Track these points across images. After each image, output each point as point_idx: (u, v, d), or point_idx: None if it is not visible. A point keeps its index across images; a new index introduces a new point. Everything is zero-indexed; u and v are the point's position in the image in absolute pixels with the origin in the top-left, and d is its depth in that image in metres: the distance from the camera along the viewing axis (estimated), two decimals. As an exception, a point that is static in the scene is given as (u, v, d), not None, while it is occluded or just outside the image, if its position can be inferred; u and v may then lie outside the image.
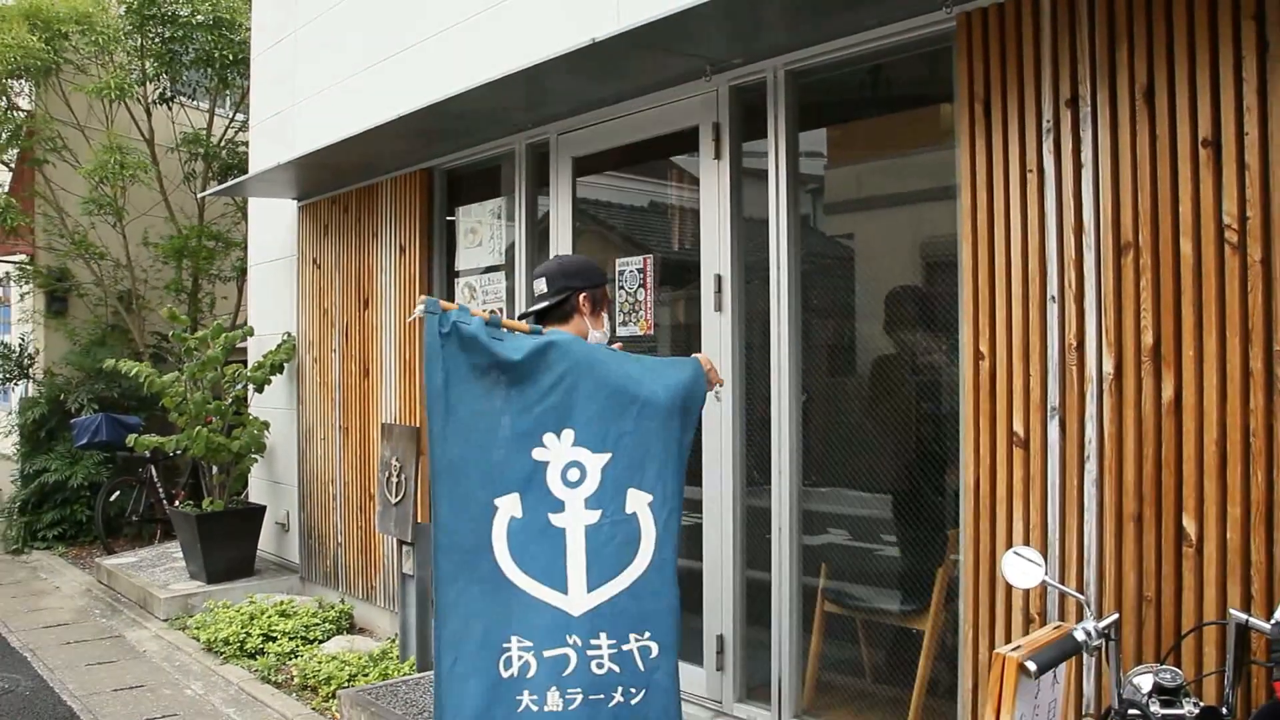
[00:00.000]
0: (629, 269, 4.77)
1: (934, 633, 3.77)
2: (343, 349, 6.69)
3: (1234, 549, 2.70)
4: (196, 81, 10.42)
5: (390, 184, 6.24)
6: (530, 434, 2.96)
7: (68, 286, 10.61)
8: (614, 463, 2.96)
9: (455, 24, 5.58)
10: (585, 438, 2.97)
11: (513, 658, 2.92)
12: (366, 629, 6.38)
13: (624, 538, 2.95)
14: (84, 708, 5.11)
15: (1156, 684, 2.21)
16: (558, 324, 3.20)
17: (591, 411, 2.97)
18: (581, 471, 2.98)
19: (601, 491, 2.95)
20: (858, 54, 3.80)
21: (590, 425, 2.97)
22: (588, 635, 2.91)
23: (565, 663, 2.91)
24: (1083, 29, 3.03)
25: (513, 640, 2.93)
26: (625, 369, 3.01)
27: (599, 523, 2.94)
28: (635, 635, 2.93)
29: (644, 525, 2.96)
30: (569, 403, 2.96)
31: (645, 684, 2.92)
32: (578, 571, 2.94)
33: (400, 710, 4.48)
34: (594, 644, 2.91)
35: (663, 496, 2.97)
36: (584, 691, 2.89)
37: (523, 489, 2.96)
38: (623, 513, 2.96)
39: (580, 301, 3.23)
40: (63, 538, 9.52)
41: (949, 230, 3.50)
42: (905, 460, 4.15)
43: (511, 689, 2.92)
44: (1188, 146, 2.81)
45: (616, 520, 2.95)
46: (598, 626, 2.91)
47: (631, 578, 2.94)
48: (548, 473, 2.96)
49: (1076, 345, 3.03)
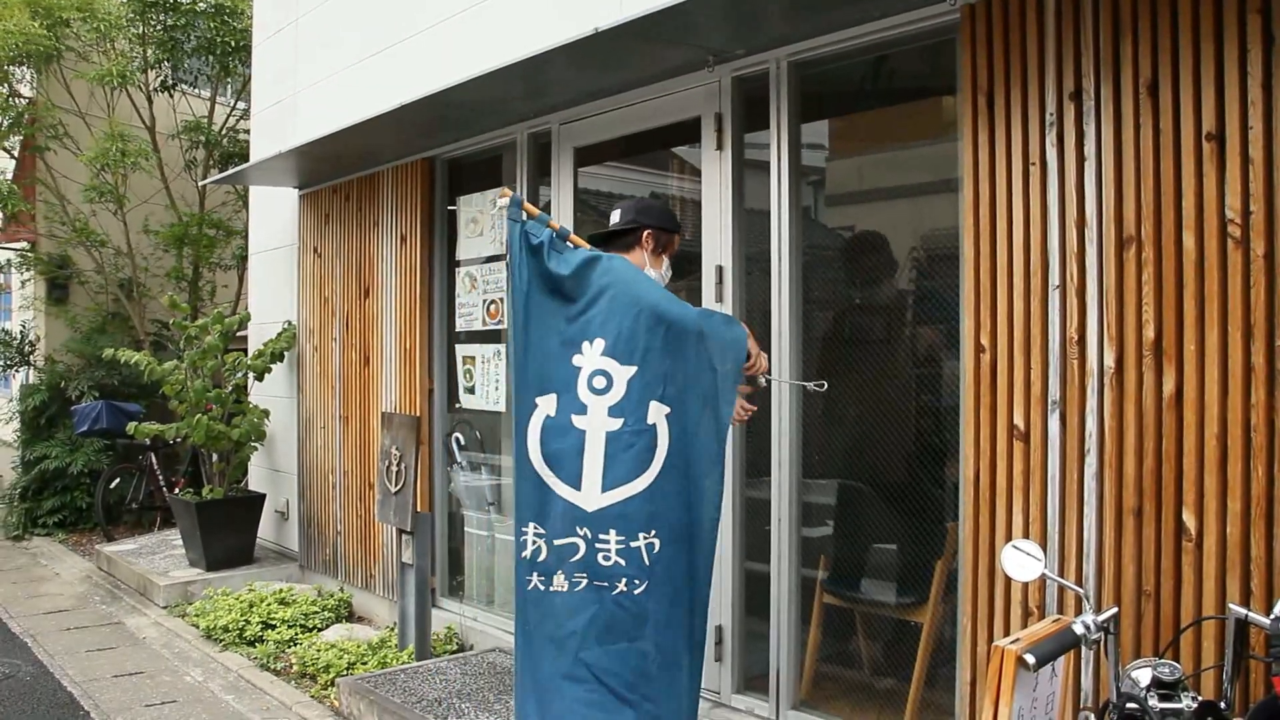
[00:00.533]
0: (630, 260, 4.75)
1: (932, 625, 3.77)
2: (343, 338, 6.69)
3: (1234, 544, 2.70)
4: (198, 69, 10.41)
5: (391, 173, 6.23)
6: (574, 341, 3.22)
7: (69, 274, 10.61)
8: (639, 375, 3.15)
9: (457, 13, 5.57)
10: (615, 349, 3.17)
11: (528, 541, 3.22)
12: (365, 617, 6.39)
13: (642, 446, 3.14)
14: (84, 693, 5.12)
15: (1155, 678, 2.21)
16: (620, 251, 3.44)
17: (624, 325, 3.16)
18: (608, 380, 3.18)
19: (626, 401, 3.15)
20: (861, 45, 3.79)
21: (621, 338, 3.17)
22: (597, 530, 3.15)
23: (574, 550, 3.17)
24: (1086, 21, 3.01)
25: (530, 526, 3.23)
26: (663, 295, 3.21)
27: (620, 430, 3.15)
28: (644, 534, 3.13)
29: (660, 436, 3.15)
30: (604, 315, 3.18)
31: (648, 577, 3.14)
32: (594, 472, 3.16)
33: (399, 699, 4.49)
34: (603, 538, 3.14)
35: (681, 412, 3.15)
36: (589, 577, 3.15)
37: (560, 391, 3.22)
38: (644, 423, 3.15)
39: (645, 237, 3.51)
40: (63, 524, 9.54)
41: (951, 223, 3.49)
42: (905, 452, 4.14)
43: (523, 569, 3.23)
44: (1191, 140, 2.80)
45: (638, 430, 3.15)
46: (607, 524, 3.14)
47: (645, 483, 3.14)
48: (579, 378, 3.20)
49: (1078, 338, 3.02)
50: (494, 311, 5.60)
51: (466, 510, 6.06)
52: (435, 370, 5.99)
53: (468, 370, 5.82)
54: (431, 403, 5.98)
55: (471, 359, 5.78)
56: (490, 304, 5.63)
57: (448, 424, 6.05)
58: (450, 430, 6.05)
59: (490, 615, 5.59)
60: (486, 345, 5.68)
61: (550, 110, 5.10)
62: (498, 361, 5.58)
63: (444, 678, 4.79)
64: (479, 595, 5.82)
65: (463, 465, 6.04)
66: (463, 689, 4.62)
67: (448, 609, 5.88)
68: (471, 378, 5.78)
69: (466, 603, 5.84)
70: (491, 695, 4.54)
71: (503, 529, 5.70)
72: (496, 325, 5.58)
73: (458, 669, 4.92)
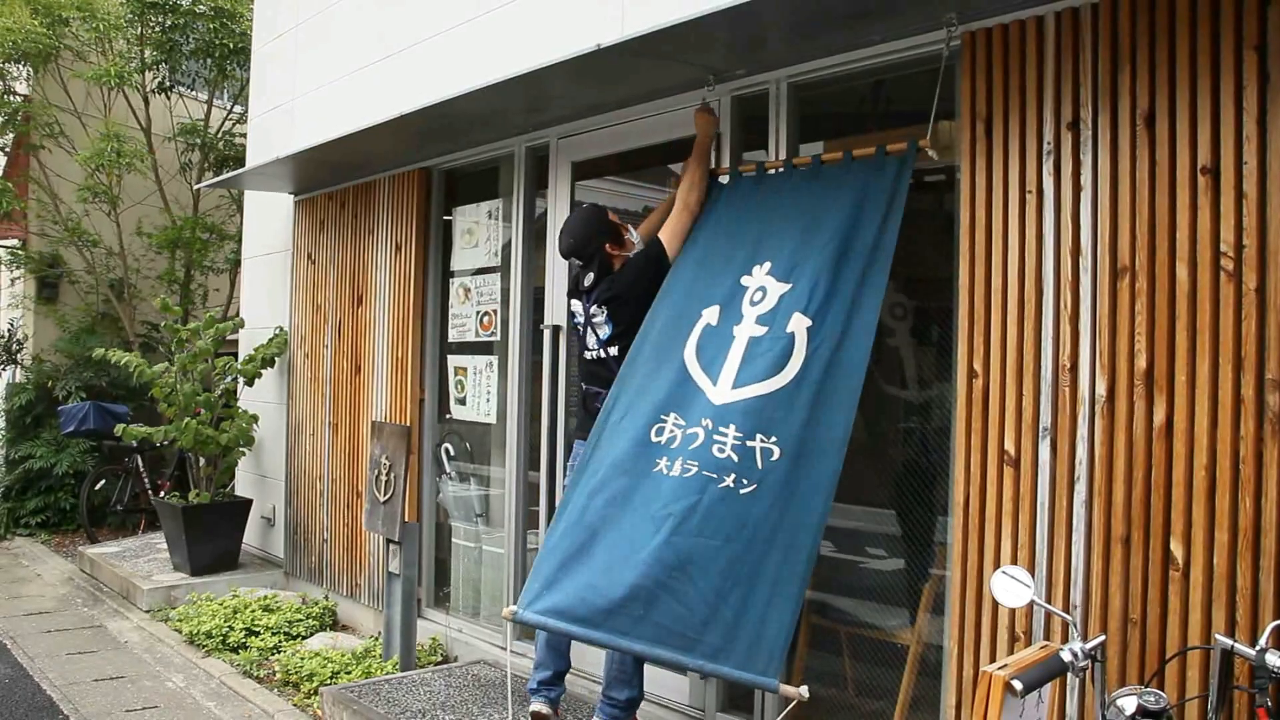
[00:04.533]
0: (625, 275, 4.76)
1: (918, 648, 3.77)
2: (335, 345, 6.68)
3: (1220, 574, 2.72)
4: (195, 71, 10.40)
5: (388, 182, 6.23)
6: (744, 262, 3.63)
7: (59, 273, 10.55)
8: (793, 292, 3.42)
9: (457, 24, 5.58)
10: (777, 269, 3.52)
11: (666, 428, 3.48)
12: (350, 626, 6.37)
13: (778, 351, 3.35)
14: (63, 697, 5.08)
15: (1140, 706, 2.22)
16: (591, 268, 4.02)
17: (791, 250, 3.51)
18: (764, 294, 3.50)
19: (774, 313, 3.43)
20: (861, 69, 3.82)
21: (784, 260, 3.51)
22: (719, 423, 3.34)
23: (695, 439, 3.38)
24: (1085, 52, 3.05)
25: (670, 415, 3.50)
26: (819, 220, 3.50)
27: (761, 336, 3.42)
28: (762, 436, 3.27)
29: (797, 345, 3.33)
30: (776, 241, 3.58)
31: (758, 480, 3.25)
32: (730, 370, 3.42)
33: (382, 709, 4.47)
34: (722, 431, 3.32)
35: (822, 324, 3.32)
36: (700, 466, 3.31)
37: (724, 303, 3.60)
38: (784, 331, 3.37)
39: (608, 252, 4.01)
40: (46, 525, 9.47)
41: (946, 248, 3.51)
42: (894, 475, 4.16)
43: (655, 451, 3.46)
44: (1187, 173, 2.83)
45: (776, 336, 3.38)
46: (730, 418, 3.33)
47: (772, 387, 3.31)
48: (744, 295, 3.55)
49: (1070, 366, 3.04)
50: (487, 323, 5.60)
51: (455, 521, 6.05)
52: (427, 380, 5.99)
53: (459, 381, 5.81)
54: (422, 412, 5.98)
55: (463, 370, 5.78)
56: (484, 315, 5.63)
57: (438, 434, 6.04)
58: (440, 440, 6.04)
59: (475, 627, 5.57)
60: (479, 356, 5.68)
61: (549, 124, 5.11)
62: (489, 373, 5.58)
63: (428, 689, 4.77)
64: (465, 607, 5.81)
65: (452, 476, 6.03)
66: (446, 700, 4.61)
67: (433, 620, 5.86)
68: (463, 388, 5.78)
69: (452, 614, 5.82)
70: (475, 708, 4.53)
71: (490, 541, 5.69)
72: (489, 337, 5.58)
73: (442, 680, 4.91)
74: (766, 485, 3.21)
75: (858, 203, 3.44)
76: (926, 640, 3.78)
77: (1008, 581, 2.48)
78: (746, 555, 3.17)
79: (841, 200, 3.48)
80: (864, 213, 3.42)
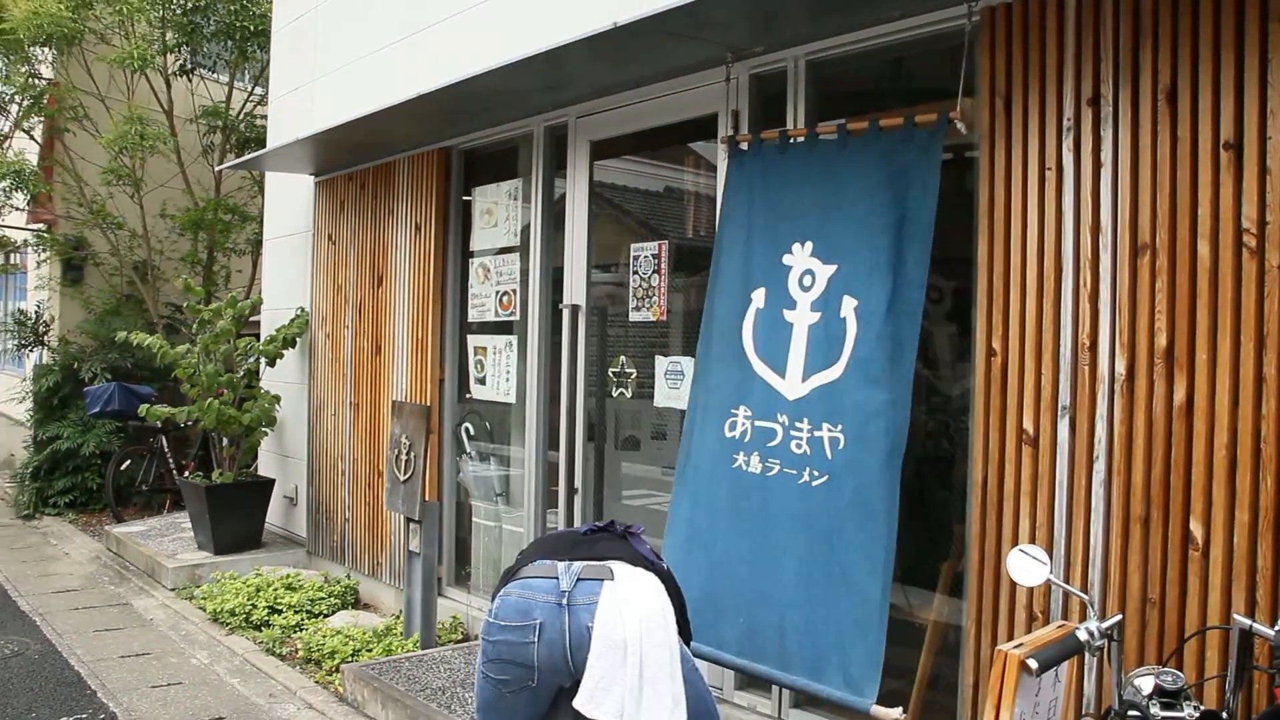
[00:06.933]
0: (643, 254, 4.76)
1: (936, 627, 3.77)
2: (355, 325, 6.71)
3: (1240, 554, 2.70)
4: (216, 54, 10.43)
5: (408, 162, 6.24)
6: (784, 241, 3.61)
7: (84, 255, 10.66)
8: (839, 273, 3.43)
9: (477, 3, 5.57)
10: (820, 249, 3.50)
11: (738, 422, 3.56)
12: (371, 605, 6.42)
13: (834, 336, 3.39)
14: (91, 673, 5.16)
15: (1158, 686, 2.21)
16: None
17: (829, 228, 3.50)
18: (813, 278, 3.50)
19: (826, 296, 3.45)
20: (879, 45, 3.78)
21: (824, 239, 3.50)
22: (794, 418, 3.41)
23: (773, 435, 3.46)
24: (1106, 27, 3.01)
25: (740, 409, 3.56)
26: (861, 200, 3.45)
27: (818, 323, 3.45)
28: (828, 425, 3.34)
29: (849, 328, 3.36)
30: (812, 219, 3.55)
31: (828, 470, 3.31)
32: (797, 362, 3.47)
33: (403, 686, 4.52)
34: (798, 426, 3.40)
35: (868, 302, 3.33)
36: (782, 464, 3.41)
37: (768, 284, 3.61)
38: (837, 316, 3.40)
39: None
40: (73, 505, 9.59)
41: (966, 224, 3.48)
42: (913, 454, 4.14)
43: (731, 447, 3.54)
44: (1209, 149, 2.79)
45: (830, 321, 3.42)
46: (803, 412, 3.40)
47: (834, 375, 3.37)
48: (789, 276, 3.56)
49: (1090, 345, 3.02)
50: (506, 303, 5.61)
51: (475, 500, 6.09)
52: (446, 360, 6.01)
53: (479, 361, 5.83)
54: (442, 392, 6.00)
55: (483, 349, 5.80)
56: (503, 295, 5.64)
57: (458, 414, 6.07)
58: (460, 420, 6.07)
59: (495, 605, 5.59)
60: (499, 336, 5.69)
61: (568, 103, 5.10)
62: (509, 353, 5.60)
63: (448, 667, 4.81)
64: (485, 586, 5.84)
65: (472, 455, 6.06)
66: (466, 678, 4.64)
67: (454, 598, 5.90)
68: (483, 368, 5.79)
69: (473, 593, 5.86)
70: (495, 685, 4.56)
71: (510, 520, 5.72)
72: (509, 316, 5.59)
73: (462, 659, 4.95)
74: (836, 474, 3.28)
75: (893, 177, 3.39)
76: (945, 619, 3.78)
77: (1024, 560, 2.47)
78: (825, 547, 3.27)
79: (875, 175, 3.44)
80: (900, 187, 3.37)
